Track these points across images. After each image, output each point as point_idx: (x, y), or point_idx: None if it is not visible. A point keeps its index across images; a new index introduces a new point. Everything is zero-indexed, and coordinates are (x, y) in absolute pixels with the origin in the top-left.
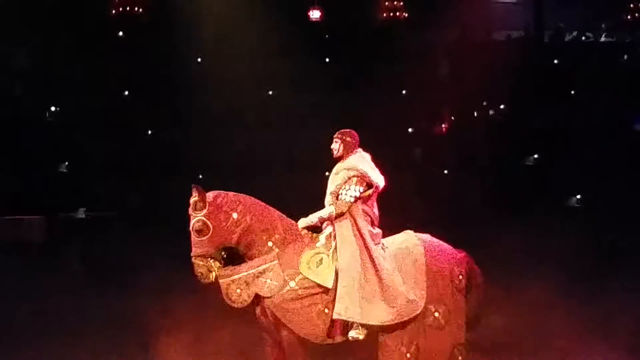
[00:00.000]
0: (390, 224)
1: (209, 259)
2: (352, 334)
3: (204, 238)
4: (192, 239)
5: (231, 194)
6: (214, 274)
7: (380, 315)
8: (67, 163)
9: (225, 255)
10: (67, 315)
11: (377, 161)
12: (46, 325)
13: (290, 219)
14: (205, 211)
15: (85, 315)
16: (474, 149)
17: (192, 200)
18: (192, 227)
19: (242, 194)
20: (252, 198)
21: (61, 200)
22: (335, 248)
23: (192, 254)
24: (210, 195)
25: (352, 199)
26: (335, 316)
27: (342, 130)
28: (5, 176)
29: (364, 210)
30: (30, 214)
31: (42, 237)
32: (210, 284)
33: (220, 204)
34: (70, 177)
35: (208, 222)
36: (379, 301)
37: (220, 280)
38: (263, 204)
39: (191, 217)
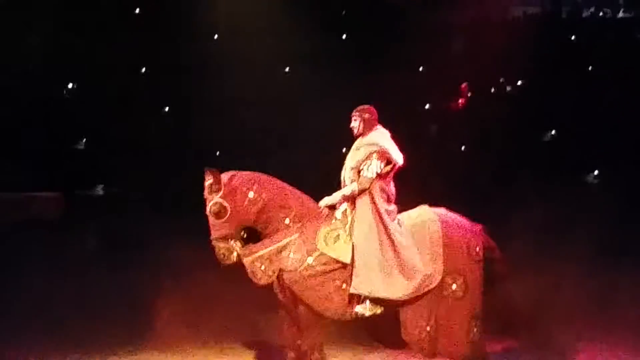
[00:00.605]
0: (407, 201)
1: (230, 240)
2: (358, 309)
3: (223, 220)
4: (210, 222)
5: (246, 173)
6: (235, 254)
7: (400, 289)
8: (84, 140)
9: (245, 235)
10: (81, 292)
11: (396, 138)
12: (61, 303)
13: (306, 195)
14: (221, 193)
15: (99, 292)
16: (490, 126)
17: (206, 183)
18: (210, 210)
19: (257, 172)
20: (268, 176)
21: (79, 176)
22: (352, 224)
23: (211, 237)
24: (224, 176)
25: (374, 175)
26: (352, 290)
27: (360, 107)
28: (23, 152)
29: (381, 187)
30: (48, 190)
31: (59, 213)
32: (234, 264)
33: (236, 184)
34: (88, 154)
35: (225, 204)
36: (397, 275)
37: (244, 259)
38: (279, 181)
39: (207, 200)
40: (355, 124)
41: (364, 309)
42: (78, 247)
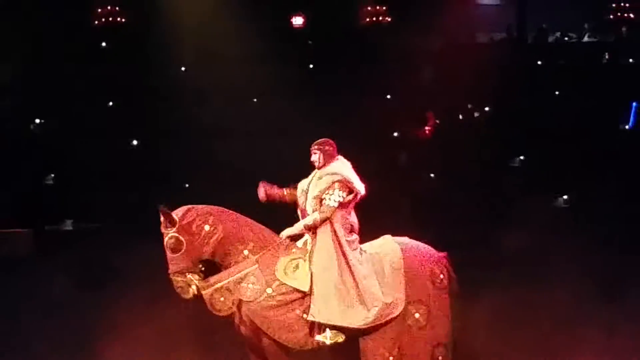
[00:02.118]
0: (375, 228)
1: (188, 273)
2: (319, 338)
3: (179, 254)
4: (167, 257)
5: (201, 206)
6: (194, 287)
7: (358, 318)
8: (52, 175)
9: (203, 268)
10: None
11: (361, 167)
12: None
13: (264, 227)
14: (175, 227)
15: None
16: (459, 152)
17: (161, 219)
18: (166, 245)
19: (213, 206)
20: (223, 209)
21: (48, 212)
22: (312, 252)
23: (169, 272)
24: (179, 211)
25: (336, 204)
26: (310, 318)
27: (319, 141)
28: None
29: (342, 216)
30: (16, 227)
31: (29, 250)
32: (193, 296)
33: (191, 218)
34: (56, 189)
35: (180, 238)
36: (357, 304)
37: (203, 292)
38: (235, 213)
39: (164, 235)
40: (316, 157)
41: (325, 338)
42: (49, 284)
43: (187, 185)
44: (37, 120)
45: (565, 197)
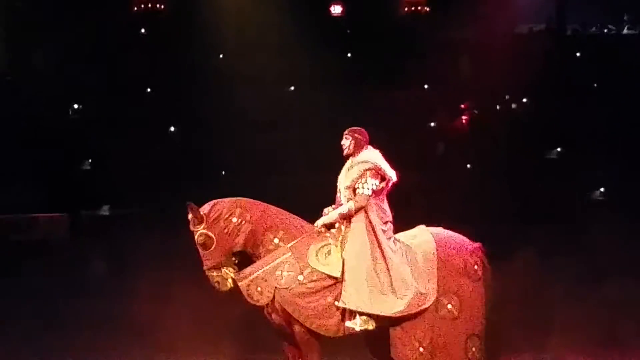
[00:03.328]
0: (411, 218)
1: (222, 268)
2: (349, 324)
3: (211, 250)
4: (200, 254)
5: (227, 199)
6: (230, 280)
7: (390, 306)
8: (90, 160)
9: (237, 261)
10: (85, 314)
11: (397, 157)
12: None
13: (294, 215)
14: (204, 224)
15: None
16: (496, 143)
17: (189, 217)
18: (197, 243)
19: (239, 198)
20: (250, 199)
21: (85, 197)
22: (344, 239)
23: (204, 268)
24: (206, 207)
25: (370, 192)
26: (340, 304)
27: (352, 128)
28: (30, 174)
29: (376, 204)
30: (54, 211)
31: (65, 234)
32: (230, 289)
33: (218, 212)
34: (93, 175)
35: (210, 234)
36: (389, 293)
37: (239, 283)
38: (262, 203)
39: (193, 233)
40: (346, 142)
41: (355, 325)
42: (83, 266)
43: (223, 173)
44: (75, 106)
45: (601, 190)
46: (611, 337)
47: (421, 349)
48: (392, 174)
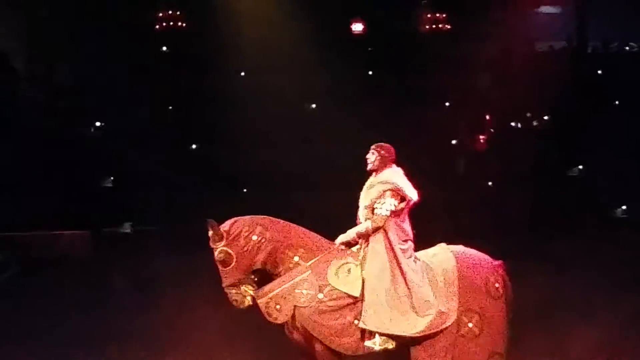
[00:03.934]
0: (431, 236)
1: (241, 285)
2: (368, 343)
3: (230, 267)
4: (219, 271)
5: (247, 217)
6: (248, 298)
7: (410, 326)
8: (112, 178)
9: (256, 279)
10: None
11: (418, 174)
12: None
13: (314, 233)
14: (224, 241)
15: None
16: (517, 161)
17: (209, 234)
18: (217, 259)
19: (259, 215)
20: (270, 217)
21: (107, 214)
22: (364, 259)
23: (223, 285)
24: (226, 224)
25: (388, 213)
26: (361, 325)
27: (380, 143)
28: (51, 191)
29: (396, 223)
30: (76, 228)
31: (87, 251)
32: (249, 306)
33: (238, 230)
34: (115, 192)
35: (229, 251)
36: (410, 312)
37: (259, 301)
38: (282, 221)
39: (213, 250)
40: (372, 157)
41: (374, 344)
42: (105, 285)
43: (245, 190)
44: (98, 123)
45: (623, 207)
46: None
47: None
48: (413, 195)
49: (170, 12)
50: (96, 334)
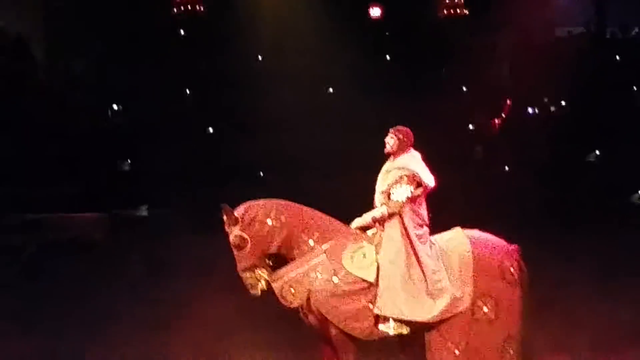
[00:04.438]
0: (447, 221)
1: (256, 269)
2: (382, 328)
3: (245, 251)
4: (234, 255)
5: (262, 201)
6: (263, 282)
7: (426, 311)
8: (129, 161)
9: (271, 263)
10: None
11: (435, 159)
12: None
13: (329, 216)
14: (239, 226)
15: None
16: (534, 146)
17: (224, 218)
18: (232, 244)
19: (274, 199)
20: (285, 201)
21: (124, 197)
22: (380, 244)
23: (238, 269)
24: (241, 208)
25: (404, 199)
26: (376, 311)
27: (399, 127)
28: (68, 174)
29: (412, 209)
30: (93, 211)
31: (104, 234)
32: (264, 290)
33: (253, 214)
34: (132, 175)
35: (244, 235)
36: (425, 298)
37: (273, 284)
38: (297, 204)
39: (228, 234)
40: (390, 141)
41: (388, 329)
42: (122, 268)
43: (260, 174)
44: (115, 107)
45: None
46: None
47: (457, 352)
48: (429, 180)
49: None
50: (110, 315)
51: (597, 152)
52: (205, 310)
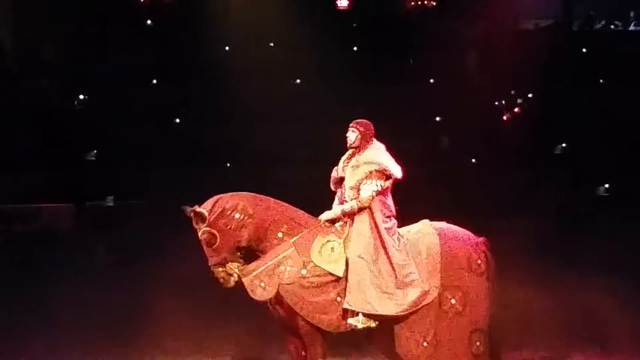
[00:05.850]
0: (415, 213)
1: (227, 263)
2: (351, 321)
3: (215, 246)
4: (205, 251)
5: (229, 194)
6: (235, 276)
7: (394, 305)
8: (95, 151)
9: (242, 256)
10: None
11: (402, 151)
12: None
13: (297, 209)
14: (207, 222)
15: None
16: (502, 138)
17: (191, 215)
18: (201, 240)
19: (241, 192)
20: (252, 194)
21: (89, 188)
22: (348, 237)
23: (209, 265)
24: (208, 203)
25: (374, 194)
26: (346, 306)
27: (358, 120)
28: (34, 164)
29: (381, 200)
30: (59, 202)
31: (70, 225)
32: (236, 284)
33: (220, 208)
34: (98, 165)
35: (213, 231)
36: (394, 292)
37: (243, 279)
38: (265, 197)
39: (197, 230)
40: (352, 136)
41: (357, 322)
42: (87, 259)
43: (228, 165)
44: (81, 97)
45: (606, 186)
46: (614, 335)
47: (425, 344)
48: (397, 171)
49: None
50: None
51: (564, 144)
52: (172, 301)
